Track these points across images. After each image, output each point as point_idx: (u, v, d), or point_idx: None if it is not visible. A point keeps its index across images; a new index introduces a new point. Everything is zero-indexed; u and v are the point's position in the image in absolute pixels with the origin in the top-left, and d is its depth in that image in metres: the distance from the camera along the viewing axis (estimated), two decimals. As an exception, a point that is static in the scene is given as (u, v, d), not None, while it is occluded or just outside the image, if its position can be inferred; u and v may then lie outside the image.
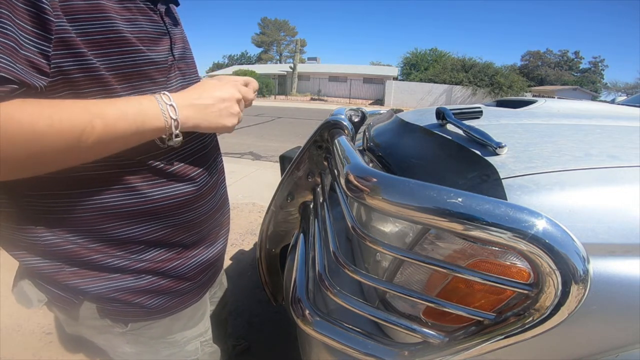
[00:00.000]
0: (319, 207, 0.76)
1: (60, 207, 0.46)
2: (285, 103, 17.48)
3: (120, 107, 0.41)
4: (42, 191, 0.44)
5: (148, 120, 0.43)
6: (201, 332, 0.71)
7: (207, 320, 0.74)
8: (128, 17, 0.44)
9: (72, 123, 0.37)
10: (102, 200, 0.46)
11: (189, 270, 0.59)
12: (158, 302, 0.57)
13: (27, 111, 0.34)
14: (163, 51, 0.49)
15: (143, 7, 0.47)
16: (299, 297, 0.53)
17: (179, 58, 0.54)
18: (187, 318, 0.67)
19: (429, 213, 0.32)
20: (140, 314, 0.56)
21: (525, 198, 0.44)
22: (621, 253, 0.43)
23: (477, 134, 0.57)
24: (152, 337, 0.63)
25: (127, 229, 0.49)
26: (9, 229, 0.48)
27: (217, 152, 0.65)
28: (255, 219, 2.47)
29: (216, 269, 0.69)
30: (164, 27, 0.51)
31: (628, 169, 0.49)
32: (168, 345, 0.66)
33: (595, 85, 35.19)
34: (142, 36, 0.45)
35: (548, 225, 0.30)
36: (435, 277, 0.47)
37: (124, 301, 0.53)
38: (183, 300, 0.61)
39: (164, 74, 0.49)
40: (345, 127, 0.73)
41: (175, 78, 0.52)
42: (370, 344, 0.43)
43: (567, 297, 0.30)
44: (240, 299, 1.56)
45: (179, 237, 0.55)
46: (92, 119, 0.38)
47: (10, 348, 1.28)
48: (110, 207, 0.47)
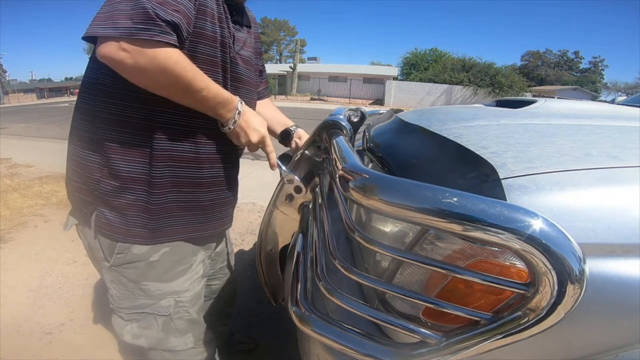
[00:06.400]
0: (317, 207, 0.76)
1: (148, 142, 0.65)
2: (285, 103, 17.48)
3: (219, 90, 0.65)
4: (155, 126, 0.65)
5: (226, 106, 0.67)
6: (177, 290, 0.77)
7: (186, 283, 0.79)
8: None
9: (198, 79, 0.60)
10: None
11: (195, 200, 0.73)
12: (148, 223, 0.68)
13: (183, 58, 0.58)
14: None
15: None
16: (297, 297, 0.53)
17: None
18: (163, 269, 0.74)
19: (424, 213, 0.32)
20: (121, 232, 0.68)
21: (525, 198, 0.44)
22: (621, 253, 0.43)
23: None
24: (130, 278, 0.73)
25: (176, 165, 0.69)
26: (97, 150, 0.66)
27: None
28: (255, 219, 2.47)
29: (209, 227, 0.78)
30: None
31: (628, 169, 0.49)
32: (143, 293, 0.75)
33: (595, 85, 35.14)
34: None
35: (544, 225, 0.29)
36: (434, 277, 0.47)
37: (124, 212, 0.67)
38: (162, 233, 0.70)
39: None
40: (344, 128, 0.73)
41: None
42: (369, 343, 0.43)
43: (563, 296, 0.30)
44: (240, 299, 1.56)
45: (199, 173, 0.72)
46: (207, 85, 0.62)
47: (10, 348, 1.28)
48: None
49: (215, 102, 0.64)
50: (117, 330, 0.79)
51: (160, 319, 0.77)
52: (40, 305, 1.53)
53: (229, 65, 0.71)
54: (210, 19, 0.64)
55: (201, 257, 0.82)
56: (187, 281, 0.79)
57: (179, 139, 0.67)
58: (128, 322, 0.77)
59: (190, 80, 0.59)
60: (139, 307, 0.75)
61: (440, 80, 21.44)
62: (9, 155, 4.48)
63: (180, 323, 0.80)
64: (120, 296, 0.75)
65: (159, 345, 0.80)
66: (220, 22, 0.67)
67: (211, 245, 0.86)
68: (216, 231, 0.81)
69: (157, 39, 0.54)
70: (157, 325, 0.77)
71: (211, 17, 0.64)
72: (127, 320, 0.77)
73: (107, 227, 0.68)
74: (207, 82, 0.62)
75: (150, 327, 0.77)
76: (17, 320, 1.42)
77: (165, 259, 0.73)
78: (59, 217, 2.47)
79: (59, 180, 3.33)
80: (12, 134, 7.06)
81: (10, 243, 2.10)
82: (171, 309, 0.77)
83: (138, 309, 0.76)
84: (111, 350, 1.28)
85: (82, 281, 1.72)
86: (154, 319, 0.77)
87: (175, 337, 0.80)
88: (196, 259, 0.80)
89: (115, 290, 0.75)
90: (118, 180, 0.65)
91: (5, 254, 1.97)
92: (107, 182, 0.66)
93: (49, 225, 2.37)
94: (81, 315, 1.48)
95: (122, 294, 0.75)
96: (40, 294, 1.61)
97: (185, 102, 0.64)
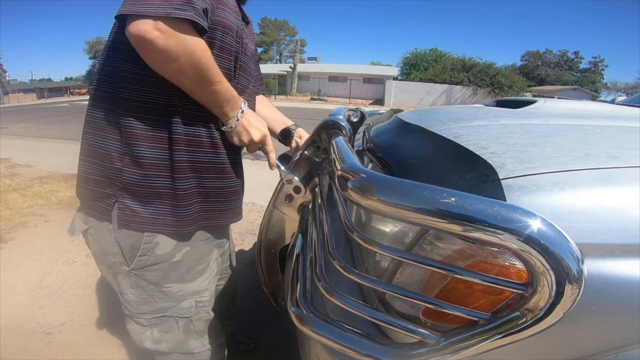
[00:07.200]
0: (317, 208, 0.76)
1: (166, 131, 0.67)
2: (285, 103, 17.48)
3: (229, 86, 0.67)
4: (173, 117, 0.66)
5: (232, 104, 0.68)
6: (197, 289, 0.77)
7: (205, 282, 0.79)
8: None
9: (216, 71, 0.63)
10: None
11: (216, 188, 0.74)
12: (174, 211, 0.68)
13: (208, 48, 0.61)
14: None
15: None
16: (297, 297, 0.53)
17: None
18: (185, 269, 0.74)
19: (423, 213, 0.32)
20: (148, 222, 0.68)
21: (524, 198, 0.44)
22: (620, 253, 0.43)
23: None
24: (151, 281, 0.72)
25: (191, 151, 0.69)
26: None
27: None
28: (255, 219, 2.47)
29: (219, 218, 0.78)
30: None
31: (628, 169, 0.49)
32: (164, 296, 0.73)
33: (595, 85, 35.12)
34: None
35: (542, 225, 0.29)
36: (434, 277, 0.47)
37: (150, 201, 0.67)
38: (187, 221, 0.70)
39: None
40: (343, 128, 0.73)
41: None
42: (368, 344, 0.43)
43: (561, 296, 0.30)
44: (241, 298, 1.56)
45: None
46: (221, 79, 0.64)
47: (10, 348, 1.28)
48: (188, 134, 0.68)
49: (224, 97, 0.66)
50: (135, 337, 0.77)
51: (181, 321, 0.76)
52: (40, 305, 1.53)
53: (241, 54, 0.73)
54: (229, 11, 0.67)
55: (215, 255, 0.82)
56: (206, 280, 0.78)
57: (195, 124, 0.68)
58: (147, 328, 0.76)
59: (210, 70, 0.61)
60: (159, 310, 0.74)
61: (440, 80, 21.43)
62: (9, 155, 4.48)
63: (199, 324, 0.79)
64: (138, 301, 0.73)
65: (178, 349, 0.78)
66: (236, 15, 0.70)
67: (222, 241, 0.86)
68: (231, 221, 0.81)
69: (195, 19, 0.55)
70: (178, 328, 0.76)
71: (229, 9, 0.67)
72: (147, 326, 0.75)
73: (132, 219, 0.66)
74: (222, 76, 0.64)
75: (171, 331, 0.76)
76: (17, 320, 1.42)
77: (187, 258, 0.73)
78: (59, 217, 2.47)
79: (59, 180, 3.33)
80: (12, 134, 7.07)
81: (10, 243, 2.10)
82: (192, 310, 0.77)
83: (158, 313, 0.74)
84: (111, 350, 1.28)
85: (82, 281, 1.72)
86: (174, 322, 0.76)
87: (194, 339, 0.79)
88: (212, 257, 0.80)
89: (132, 296, 0.73)
90: (141, 167, 0.65)
91: (5, 254, 1.97)
92: (129, 171, 0.65)
93: (49, 225, 2.37)
94: (81, 315, 1.48)
95: (141, 298, 0.73)
96: (40, 294, 1.61)
97: (197, 93, 0.64)
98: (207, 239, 0.77)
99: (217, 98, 0.66)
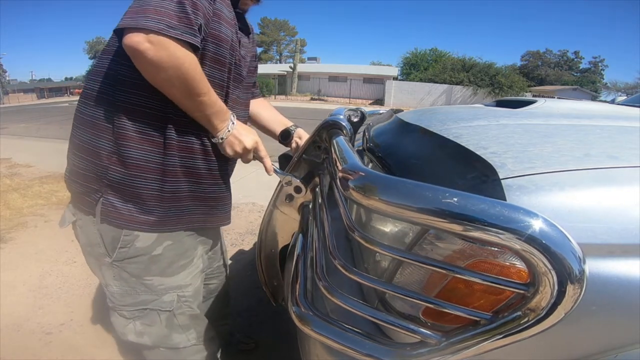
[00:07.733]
0: (317, 207, 0.76)
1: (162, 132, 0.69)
2: (285, 103, 17.48)
3: (217, 99, 0.69)
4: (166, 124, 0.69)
5: (221, 116, 0.71)
6: (179, 284, 0.79)
7: (188, 277, 0.80)
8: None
9: (204, 83, 0.65)
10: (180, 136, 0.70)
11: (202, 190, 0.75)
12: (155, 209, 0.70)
13: (197, 62, 0.64)
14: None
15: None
16: (297, 297, 0.53)
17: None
18: (166, 263, 0.75)
19: (424, 213, 0.32)
20: (130, 219, 0.69)
21: (524, 198, 0.44)
22: (620, 253, 0.43)
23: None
24: (132, 274, 0.73)
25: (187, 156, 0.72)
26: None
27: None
28: (255, 219, 2.47)
29: (205, 219, 0.80)
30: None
31: (628, 169, 0.49)
32: (146, 289, 0.75)
33: (595, 85, 35.12)
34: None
35: (544, 225, 0.29)
36: (434, 277, 0.47)
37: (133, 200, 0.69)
38: (168, 222, 0.72)
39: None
40: (344, 128, 0.73)
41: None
42: (369, 343, 0.43)
43: (563, 297, 0.30)
44: (240, 299, 1.56)
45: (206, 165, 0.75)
46: (209, 91, 0.66)
47: (10, 348, 1.28)
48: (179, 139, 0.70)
49: (212, 110, 0.68)
50: (119, 330, 0.79)
51: (163, 314, 0.78)
52: (40, 305, 1.53)
53: (234, 66, 0.75)
54: (224, 24, 0.69)
55: (200, 252, 0.83)
56: (189, 275, 0.80)
57: (187, 131, 0.70)
58: (130, 320, 0.77)
59: (197, 82, 0.64)
60: (141, 303, 0.76)
61: (440, 80, 21.42)
62: (9, 155, 4.48)
63: (182, 319, 0.81)
64: (121, 293, 0.75)
65: (162, 343, 0.80)
66: (232, 27, 0.72)
67: (209, 240, 0.88)
68: (218, 225, 0.84)
69: (183, 38, 0.59)
70: (160, 322, 0.78)
71: (225, 21, 0.70)
72: (129, 318, 0.77)
73: (113, 215, 0.69)
74: (210, 89, 0.67)
75: (154, 324, 0.78)
76: (17, 320, 1.42)
77: (168, 252, 0.74)
78: (58, 217, 2.46)
79: (59, 180, 3.33)
80: (12, 134, 7.06)
81: (10, 243, 2.10)
82: (174, 304, 0.78)
83: (140, 305, 0.76)
84: (111, 350, 1.28)
85: (82, 281, 1.72)
86: (157, 315, 0.77)
87: (178, 333, 0.81)
88: (196, 253, 0.81)
89: (116, 288, 0.75)
90: (127, 167, 0.67)
91: (5, 254, 1.97)
92: (115, 169, 0.67)
93: (49, 225, 2.37)
94: (81, 315, 1.48)
95: (124, 290, 0.75)
96: (40, 293, 1.61)
97: (186, 104, 0.67)
98: (191, 234, 0.79)
99: (205, 110, 0.68)
